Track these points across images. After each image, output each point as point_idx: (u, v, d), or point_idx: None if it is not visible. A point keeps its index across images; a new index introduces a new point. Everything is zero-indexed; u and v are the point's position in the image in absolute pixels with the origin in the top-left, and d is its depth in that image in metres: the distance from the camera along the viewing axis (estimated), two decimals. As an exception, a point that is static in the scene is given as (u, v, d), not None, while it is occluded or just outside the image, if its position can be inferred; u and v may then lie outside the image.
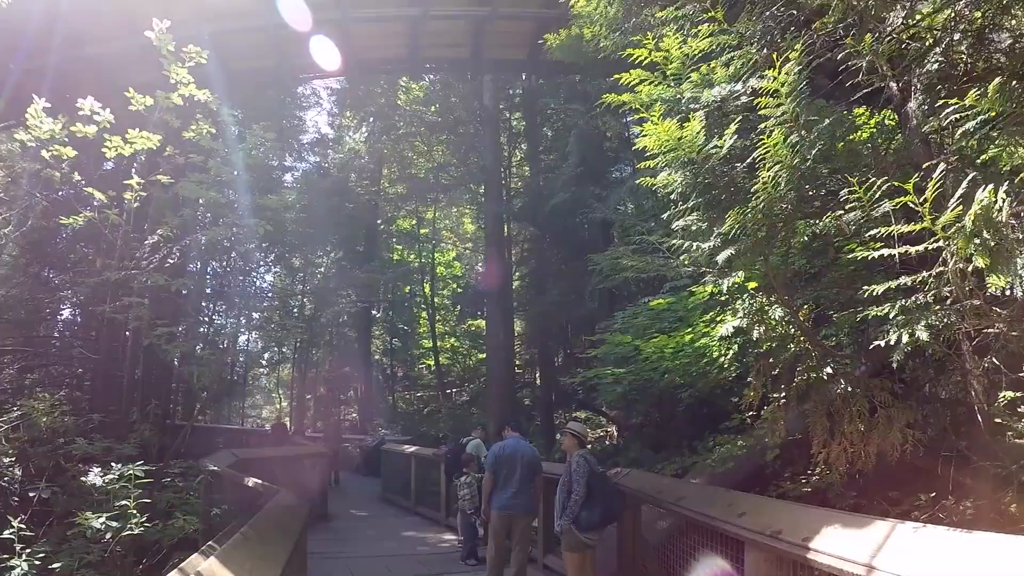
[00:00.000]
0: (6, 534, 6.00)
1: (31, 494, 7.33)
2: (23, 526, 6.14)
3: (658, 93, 5.93)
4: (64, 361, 11.41)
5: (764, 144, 4.76)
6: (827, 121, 4.68)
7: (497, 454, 7.36)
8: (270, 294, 27.52)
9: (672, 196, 5.73)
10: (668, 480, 6.82)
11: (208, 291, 20.62)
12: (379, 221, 31.66)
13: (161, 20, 9.02)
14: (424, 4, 11.95)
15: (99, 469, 7.15)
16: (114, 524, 6.36)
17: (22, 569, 5.72)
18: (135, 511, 6.61)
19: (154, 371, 13.52)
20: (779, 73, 4.55)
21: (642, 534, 6.75)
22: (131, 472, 6.90)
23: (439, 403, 28.52)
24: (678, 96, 5.86)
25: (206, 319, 20.67)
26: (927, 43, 4.84)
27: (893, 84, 4.99)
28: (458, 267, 35.83)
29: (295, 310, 26.34)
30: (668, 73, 5.99)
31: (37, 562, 5.87)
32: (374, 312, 32.44)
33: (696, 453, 8.88)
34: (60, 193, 11.23)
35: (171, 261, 11.52)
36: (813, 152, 4.68)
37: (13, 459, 7.81)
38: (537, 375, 24.53)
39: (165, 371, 14.63)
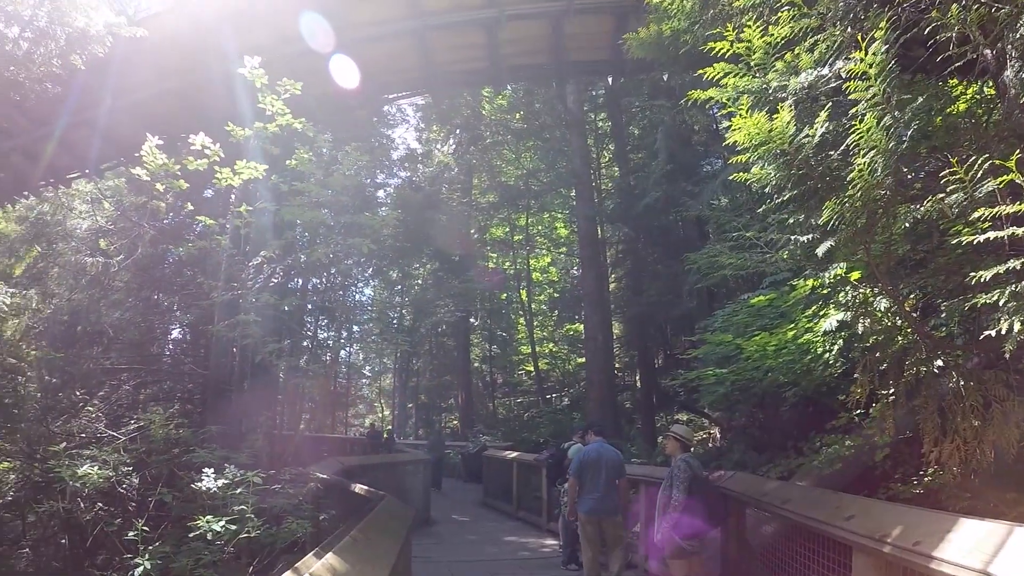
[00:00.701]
0: (130, 535, 6.38)
1: (148, 500, 7.82)
2: (146, 528, 6.53)
3: (744, 85, 5.79)
4: (175, 377, 12.16)
5: (857, 129, 4.55)
6: (921, 98, 4.41)
7: (582, 458, 7.53)
8: (370, 307, 28.32)
9: (766, 189, 5.57)
10: (773, 483, 6.58)
11: (310, 307, 21.41)
12: (472, 231, 32.05)
13: (243, 47, 9.42)
14: (499, 5, 11.99)
15: (213, 475, 7.51)
16: (232, 528, 6.68)
17: (145, 567, 6.11)
18: (252, 515, 6.92)
19: (261, 384, 14.15)
20: (865, 53, 4.33)
21: (747, 539, 6.55)
22: (249, 479, 7.23)
23: (539, 408, 28.54)
24: (764, 86, 5.71)
25: (309, 333, 21.47)
26: (1018, 5, 4.50)
27: (987, 52, 4.66)
28: (554, 272, 35.81)
29: (394, 322, 27.07)
30: (752, 64, 5.83)
31: (158, 561, 6.24)
32: (472, 320, 32.90)
33: (802, 454, 8.52)
34: (165, 221, 11.92)
35: (275, 280, 12.08)
36: (909, 132, 4.43)
37: (131, 468, 8.34)
38: (637, 378, 24.19)
39: (272, 384, 15.29)
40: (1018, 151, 3.56)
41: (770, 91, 5.67)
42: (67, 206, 11.55)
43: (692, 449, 6.61)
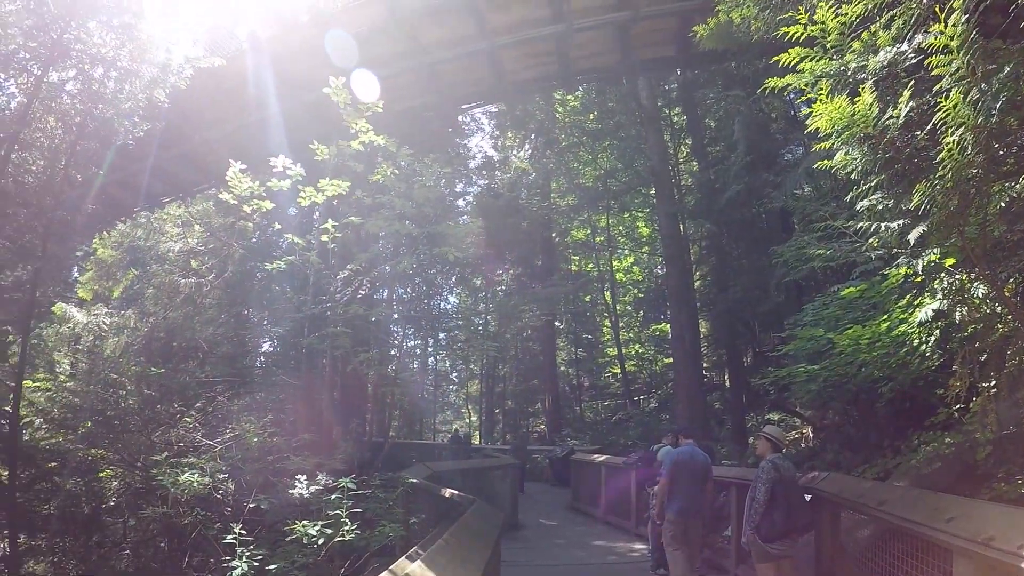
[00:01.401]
0: (228, 539, 6.65)
1: (243, 504, 8.14)
2: (243, 531, 6.79)
3: (821, 69, 5.63)
4: (267, 388, 12.63)
5: (943, 106, 4.32)
6: (1008, 67, 4.11)
7: (674, 460, 7.63)
8: (455, 315, 28.65)
9: (852, 176, 5.39)
10: (869, 483, 6.26)
11: (396, 316, 21.84)
12: (554, 234, 32.06)
13: (319, 76, 9.77)
14: (567, 19, 12.01)
15: (306, 481, 7.75)
16: (328, 532, 6.87)
17: (242, 569, 6.35)
18: (346, 519, 7.11)
19: (350, 393, 14.51)
20: (945, 25, 4.08)
21: (841, 542, 6.26)
22: (344, 484, 7.44)
23: (626, 411, 28.22)
24: (843, 68, 5.54)
25: (396, 342, 21.88)
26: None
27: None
28: (637, 272, 35.40)
29: (480, 328, 27.29)
30: (828, 46, 5.65)
31: (255, 563, 6.48)
32: (557, 324, 32.83)
33: (899, 453, 8.08)
34: (252, 240, 12.40)
35: (362, 292, 12.42)
36: (998, 105, 4.13)
37: (227, 475, 8.70)
38: (726, 376, 23.62)
39: (361, 393, 15.67)
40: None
41: (849, 73, 5.50)
42: (159, 230, 12.24)
43: (784, 450, 6.37)
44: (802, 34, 5.72)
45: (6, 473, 8.44)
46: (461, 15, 12.25)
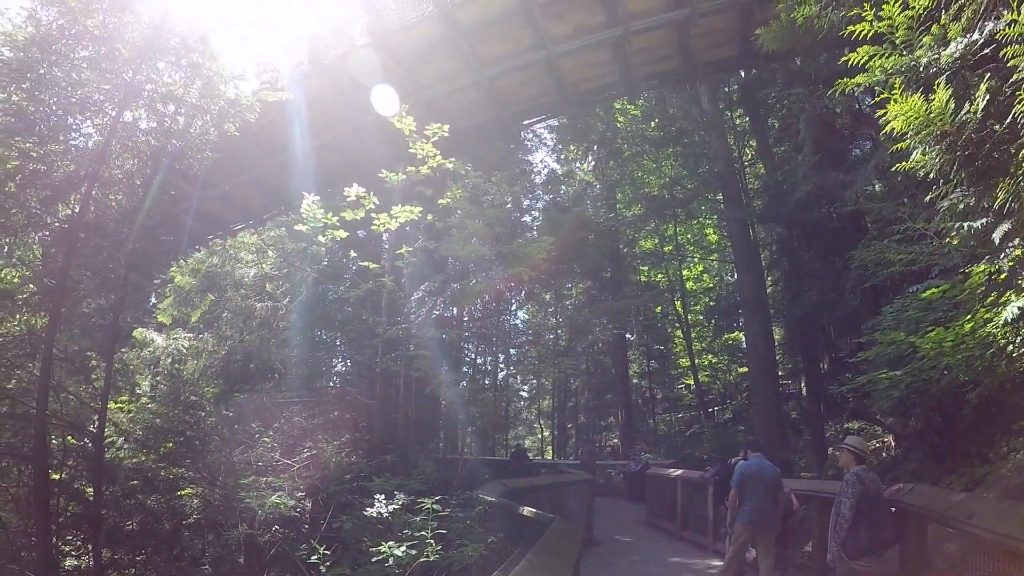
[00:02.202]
0: (313, 559, 6.81)
1: (320, 522, 8.32)
2: (327, 551, 6.94)
3: (891, 65, 5.49)
4: (341, 407, 12.93)
5: (1022, 98, 4.13)
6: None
7: (743, 472, 7.87)
8: (527, 332, 28.73)
9: (931, 176, 5.24)
10: (957, 495, 5.97)
11: (467, 334, 22.04)
12: (621, 245, 31.79)
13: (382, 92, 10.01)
14: (623, 21, 11.95)
15: (384, 501, 7.86)
16: (412, 552, 6.97)
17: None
18: (431, 540, 7.22)
19: (424, 411, 14.69)
20: (1018, 13, 3.91)
21: (929, 558, 5.97)
22: (428, 506, 7.56)
23: (701, 423, 27.64)
24: (913, 64, 5.37)
25: (468, 360, 22.09)
26: None
27: None
28: (708, 280, 34.72)
29: (550, 343, 27.28)
30: (897, 42, 5.49)
31: (339, 581, 6.64)
32: (628, 336, 32.48)
33: (987, 462, 7.68)
34: (324, 263, 12.76)
35: (435, 313, 12.64)
36: (1080, 92, 3.94)
37: (304, 493, 8.92)
38: (802, 385, 22.86)
39: (434, 410, 15.85)
40: None
41: (920, 68, 5.35)
42: (235, 257, 12.72)
43: (867, 461, 6.14)
44: (868, 31, 5.61)
45: (91, 490, 8.85)
46: (517, 27, 12.34)
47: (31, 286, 7.66)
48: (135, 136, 8.68)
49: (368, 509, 8.03)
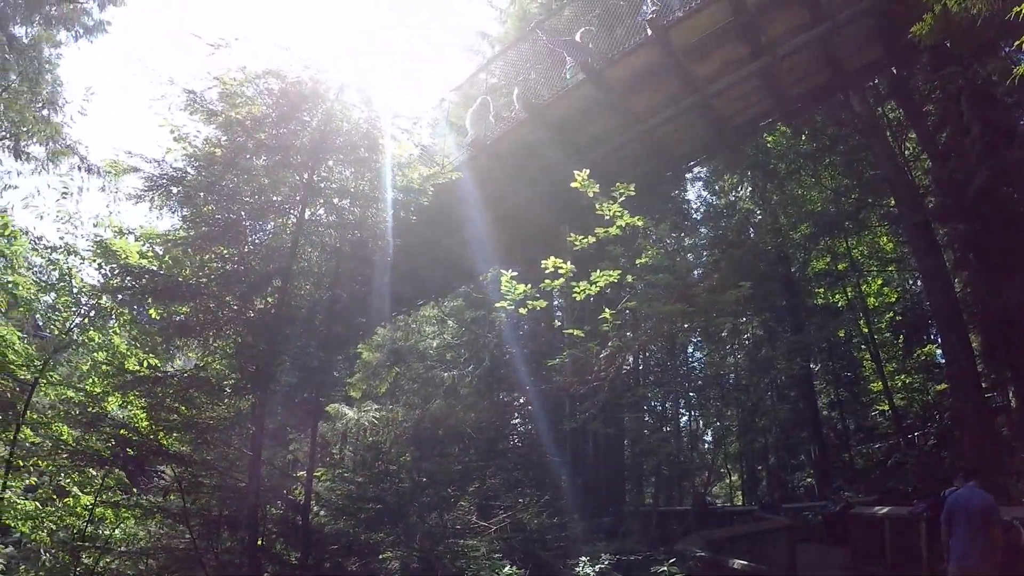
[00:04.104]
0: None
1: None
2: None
3: None
4: (524, 467, 13.15)
5: None
6: None
7: (949, 505, 7.35)
8: (705, 371, 27.97)
9: None
10: None
11: (648, 379, 21.77)
12: (792, 269, 30.28)
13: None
14: (767, 50, 11.67)
15: (588, 561, 7.81)
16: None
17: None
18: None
19: (611, 465, 14.58)
20: None
21: None
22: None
23: (901, 452, 25.09)
24: None
25: (647, 408, 21.73)
26: None
27: None
28: (889, 293, 31.89)
29: (730, 381, 26.31)
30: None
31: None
32: (812, 366, 30.59)
33: None
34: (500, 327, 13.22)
35: (625, 368, 12.70)
36: None
37: (500, 555, 9.02)
38: (1010, 396, 20.28)
39: (619, 463, 15.70)
40: None
41: None
42: (417, 331, 13.42)
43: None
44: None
45: (295, 555, 9.36)
46: (665, 77, 12.29)
47: (236, 374, 8.28)
48: (318, 231, 9.37)
49: (576, 570, 8.01)
